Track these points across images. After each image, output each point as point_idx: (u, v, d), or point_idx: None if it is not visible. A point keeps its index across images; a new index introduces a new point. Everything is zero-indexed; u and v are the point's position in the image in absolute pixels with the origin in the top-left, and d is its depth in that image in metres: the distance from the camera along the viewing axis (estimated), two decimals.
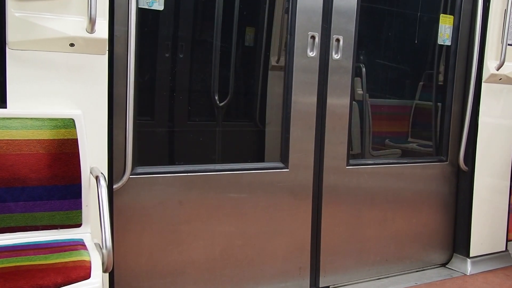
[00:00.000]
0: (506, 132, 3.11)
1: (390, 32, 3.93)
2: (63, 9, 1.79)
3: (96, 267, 1.51)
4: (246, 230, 2.45)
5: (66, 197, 1.75)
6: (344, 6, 2.54)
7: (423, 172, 2.99)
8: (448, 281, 2.90)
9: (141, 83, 2.86)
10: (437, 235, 3.09)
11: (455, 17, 2.99)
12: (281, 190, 2.50)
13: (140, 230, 2.21)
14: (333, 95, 2.57)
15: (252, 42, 3.37)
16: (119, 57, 2.02)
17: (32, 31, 1.75)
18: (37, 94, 1.80)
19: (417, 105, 3.85)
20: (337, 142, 2.62)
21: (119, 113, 2.04)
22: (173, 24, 3.12)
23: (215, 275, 2.39)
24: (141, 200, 2.19)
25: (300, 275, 2.61)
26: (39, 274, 1.41)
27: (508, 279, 2.95)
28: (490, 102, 3.00)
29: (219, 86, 3.14)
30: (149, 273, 2.25)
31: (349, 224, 2.74)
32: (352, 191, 2.71)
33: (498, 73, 2.93)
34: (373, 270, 2.85)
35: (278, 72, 2.74)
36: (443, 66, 3.25)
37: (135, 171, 2.16)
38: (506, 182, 3.14)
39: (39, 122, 1.75)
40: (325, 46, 2.52)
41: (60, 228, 1.75)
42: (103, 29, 1.85)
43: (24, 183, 1.69)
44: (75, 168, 1.76)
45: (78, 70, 1.86)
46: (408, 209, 2.95)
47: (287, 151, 2.50)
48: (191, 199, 2.31)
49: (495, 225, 3.15)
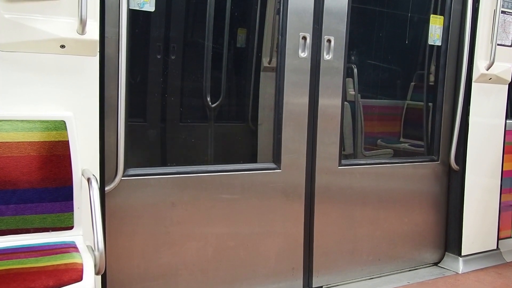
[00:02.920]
0: (496, 131, 3.13)
1: (381, 32, 3.95)
2: (54, 10, 1.78)
3: (88, 269, 1.50)
4: (238, 231, 2.45)
5: (58, 200, 1.74)
6: (335, 6, 2.55)
7: (415, 172, 3.01)
8: (440, 280, 2.92)
9: (133, 84, 2.85)
10: (429, 234, 3.10)
11: (445, 17, 3.01)
12: (274, 191, 2.51)
13: (133, 232, 2.20)
14: (324, 95, 2.58)
15: (244, 43, 3.38)
16: (110, 59, 2.01)
17: (22, 32, 1.74)
18: (27, 96, 1.79)
19: (408, 105, 3.87)
20: (329, 142, 2.63)
21: (111, 114, 2.03)
22: (165, 26, 3.12)
23: (208, 276, 2.39)
24: (133, 202, 2.19)
25: (293, 276, 2.61)
26: (30, 277, 1.40)
27: (500, 277, 2.98)
28: (480, 101, 3.02)
29: (211, 87, 3.14)
30: (141, 275, 2.24)
31: (342, 224, 2.75)
32: (344, 191, 2.72)
33: (488, 73, 2.95)
34: (366, 269, 2.86)
35: (270, 73, 2.74)
36: (434, 67, 3.27)
37: (127, 172, 2.15)
38: (496, 181, 3.17)
39: (30, 124, 1.74)
40: (317, 47, 2.53)
41: (52, 231, 1.74)
42: (94, 30, 1.85)
43: (15, 185, 1.68)
44: (66, 170, 1.75)
45: (69, 71, 1.85)
46: (400, 208, 2.96)
47: (279, 152, 2.50)
48: (184, 200, 2.30)
49: (486, 223, 3.17)
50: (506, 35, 3.00)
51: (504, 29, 2.98)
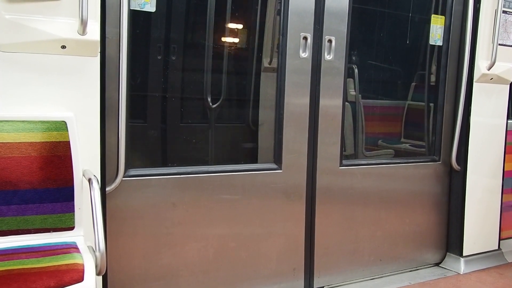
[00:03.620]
0: (498, 131, 3.13)
1: (382, 33, 3.95)
2: (54, 11, 1.78)
3: (89, 270, 1.50)
4: (239, 232, 2.45)
5: (59, 200, 1.74)
6: (336, 7, 2.55)
7: (416, 172, 3.00)
8: (441, 281, 2.91)
9: (134, 85, 2.85)
10: (430, 234, 3.10)
11: (446, 17, 3.01)
12: (275, 191, 2.51)
13: (134, 232, 2.20)
14: (325, 96, 2.58)
15: (245, 43, 3.37)
16: (111, 59, 2.01)
17: (23, 33, 1.74)
18: (28, 97, 1.79)
19: (409, 106, 3.87)
20: (330, 142, 2.62)
21: (112, 115, 2.03)
22: (165, 26, 3.12)
23: (209, 277, 2.39)
24: (134, 202, 2.18)
25: (294, 276, 2.61)
26: (32, 278, 1.40)
27: (501, 277, 2.97)
28: (482, 101, 3.02)
29: (212, 88, 3.13)
30: (142, 275, 2.24)
31: (343, 225, 2.74)
32: (345, 191, 2.72)
33: (489, 73, 2.95)
34: (367, 270, 2.86)
35: (271, 73, 2.74)
36: (435, 67, 3.27)
37: (128, 173, 2.15)
38: (498, 181, 3.17)
39: (31, 124, 1.74)
40: (318, 47, 2.53)
41: (53, 231, 1.74)
42: (94, 31, 1.85)
43: (16, 186, 1.68)
44: (67, 171, 1.75)
45: (69, 72, 1.85)
46: (402, 209, 2.96)
47: (280, 152, 2.50)
48: (185, 201, 2.30)
49: (487, 224, 3.17)
50: (507, 35, 2.99)
51: (505, 29, 2.97)
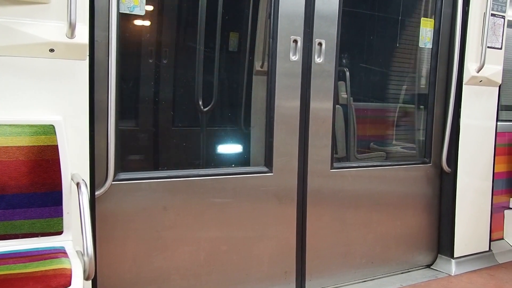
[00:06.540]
0: (487, 133, 3.15)
1: (372, 35, 3.96)
2: (43, 14, 1.77)
3: (77, 274, 1.49)
4: (231, 235, 2.44)
5: (47, 205, 1.72)
6: (326, 10, 2.56)
7: (407, 174, 3.01)
8: (433, 282, 2.92)
9: (125, 89, 2.84)
10: (421, 236, 3.11)
11: (435, 20, 3.03)
12: (266, 194, 2.50)
13: (124, 236, 2.19)
14: (316, 98, 2.58)
15: (236, 47, 3.37)
16: (100, 63, 2.00)
17: (11, 36, 1.73)
18: (16, 100, 1.78)
19: (400, 108, 3.88)
20: (321, 145, 2.63)
21: (101, 118, 2.02)
22: (156, 30, 3.11)
23: (201, 281, 2.38)
24: (124, 206, 2.17)
25: (286, 279, 2.60)
26: (18, 283, 1.38)
27: (492, 278, 2.98)
28: (471, 104, 3.04)
29: (203, 91, 3.13)
30: (133, 280, 2.22)
31: (334, 227, 2.74)
32: (336, 194, 2.72)
33: (478, 75, 2.97)
34: (359, 272, 2.86)
35: (263, 76, 2.74)
36: (425, 70, 3.29)
37: (118, 177, 2.14)
38: (488, 183, 3.18)
39: (18, 128, 1.73)
40: (308, 50, 2.53)
41: (41, 236, 1.72)
42: (83, 34, 1.84)
43: (3, 190, 1.66)
44: (55, 175, 1.74)
45: (58, 75, 1.84)
46: (393, 211, 2.96)
47: (271, 155, 2.50)
48: (175, 204, 2.29)
49: (478, 225, 3.18)
50: (496, 38, 3.02)
51: (494, 31, 3.00)
